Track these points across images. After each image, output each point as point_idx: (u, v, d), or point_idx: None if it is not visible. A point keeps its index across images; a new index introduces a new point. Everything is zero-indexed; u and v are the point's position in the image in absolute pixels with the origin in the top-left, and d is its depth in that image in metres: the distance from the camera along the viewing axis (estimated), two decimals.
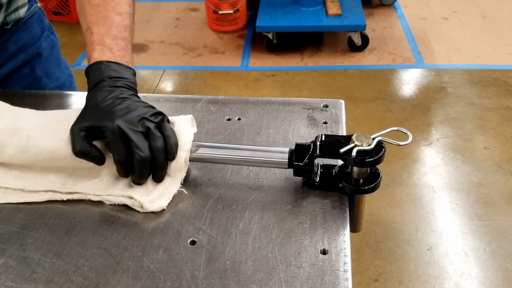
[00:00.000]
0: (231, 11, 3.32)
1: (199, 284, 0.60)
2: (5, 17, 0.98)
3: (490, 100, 2.67)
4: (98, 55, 0.76)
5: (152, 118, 0.70)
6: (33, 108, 0.80)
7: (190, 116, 0.76)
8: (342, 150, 0.66)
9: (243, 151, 0.73)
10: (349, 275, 0.60)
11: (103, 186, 0.72)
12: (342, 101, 0.90)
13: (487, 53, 3.08)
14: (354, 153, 0.65)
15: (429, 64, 3.01)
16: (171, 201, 0.71)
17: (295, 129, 0.84)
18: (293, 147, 0.71)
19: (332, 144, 0.68)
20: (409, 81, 2.88)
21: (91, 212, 0.70)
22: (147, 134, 0.69)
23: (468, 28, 3.36)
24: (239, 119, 0.87)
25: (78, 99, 0.96)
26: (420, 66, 2.99)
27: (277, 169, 0.75)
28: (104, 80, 0.72)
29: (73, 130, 0.69)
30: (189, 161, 0.73)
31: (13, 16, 1.00)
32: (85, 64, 3.10)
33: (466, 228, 1.96)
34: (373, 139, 0.66)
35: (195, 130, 0.76)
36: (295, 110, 0.88)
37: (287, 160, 0.70)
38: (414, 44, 3.20)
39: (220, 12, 3.32)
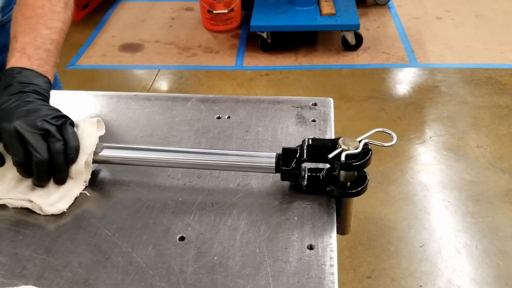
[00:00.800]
0: (226, 11, 3.33)
1: (187, 279, 0.61)
2: None
3: (482, 99, 2.69)
4: (15, 61, 0.76)
5: (53, 121, 0.70)
6: None
7: (96, 119, 0.76)
8: (330, 156, 0.66)
9: (229, 156, 0.73)
10: (335, 269, 0.61)
11: (5, 189, 0.72)
12: (331, 99, 0.91)
13: (480, 52, 3.10)
14: (343, 157, 0.65)
15: (422, 63, 3.02)
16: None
17: (284, 127, 0.85)
18: (280, 151, 0.71)
19: (319, 149, 0.68)
20: (403, 80, 2.89)
21: None
22: (46, 136, 0.69)
23: (462, 27, 3.38)
24: (229, 117, 0.88)
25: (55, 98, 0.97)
26: (414, 65, 3.01)
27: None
28: (12, 85, 0.73)
29: None
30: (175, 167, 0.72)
31: None
32: (79, 64, 3.11)
33: (458, 225, 1.98)
34: (359, 141, 0.67)
35: (102, 132, 0.76)
36: (284, 109, 0.89)
37: (274, 165, 0.70)
38: (407, 43, 3.22)
39: (214, 11, 3.32)
